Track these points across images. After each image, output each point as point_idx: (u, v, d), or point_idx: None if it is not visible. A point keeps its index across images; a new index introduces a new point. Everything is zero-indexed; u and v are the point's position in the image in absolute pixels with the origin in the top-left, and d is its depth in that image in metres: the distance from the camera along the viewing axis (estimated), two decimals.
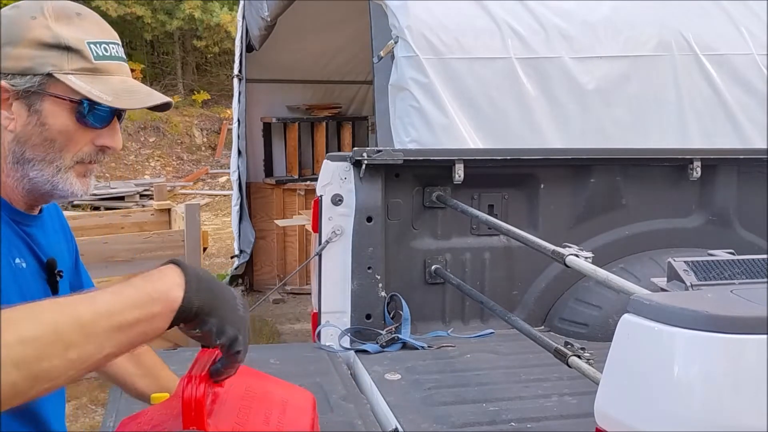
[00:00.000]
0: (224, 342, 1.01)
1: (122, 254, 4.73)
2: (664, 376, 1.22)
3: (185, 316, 0.97)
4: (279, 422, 1.15)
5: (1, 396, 0.83)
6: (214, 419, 1.08)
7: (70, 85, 1.15)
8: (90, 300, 0.93)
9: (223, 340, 1.01)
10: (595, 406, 1.37)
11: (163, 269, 0.99)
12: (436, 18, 3.59)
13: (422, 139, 3.49)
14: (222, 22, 15.54)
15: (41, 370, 0.86)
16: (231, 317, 1.01)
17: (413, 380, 2.52)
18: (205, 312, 0.99)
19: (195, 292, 0.98)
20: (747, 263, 1.58)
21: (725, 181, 3.30)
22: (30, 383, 0.86)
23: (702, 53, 3.90)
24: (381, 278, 2.92)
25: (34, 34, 1.14)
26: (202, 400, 1.03)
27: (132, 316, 0.93)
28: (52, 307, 0.91)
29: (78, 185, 1.20)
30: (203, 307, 0.98)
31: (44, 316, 0.89)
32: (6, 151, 1.17)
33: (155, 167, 14.21)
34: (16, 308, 0.88)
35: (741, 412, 1.17)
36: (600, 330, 2.91)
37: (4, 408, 0.84)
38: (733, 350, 1.18)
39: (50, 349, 0.87)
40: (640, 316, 1.29)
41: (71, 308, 0.91)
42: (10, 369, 0.83)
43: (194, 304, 0.97)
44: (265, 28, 5.50)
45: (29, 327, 0.87)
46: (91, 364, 0.91)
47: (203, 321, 0.99)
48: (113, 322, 0.92)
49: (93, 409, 4.33)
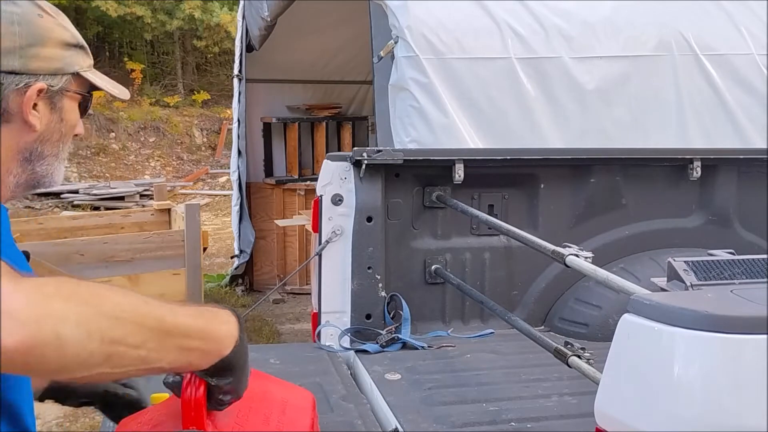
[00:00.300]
0: (224, 400, 1.06)
1: (122, 254, 4.72)
2: (664, 375, 1.22)
3: (221, 367, 1.02)
4: (279, 422, 1.15)
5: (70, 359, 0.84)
6: (213, 419, 1.08)
7: (92, 82, 1.23)
8: (172, 312, 0.96)
9: (227, 398, 1.07)
10: (595, 405, 1.37)
11: (226, 316, 1.04)
12: (436, 18, 3.59)
13: (422, 139, 3.49)
14: (222, 22, 15.54)
15: (115, 353, 0.88)
16: (244, 382, 1.07)
17: (413, 380, 2.52)
18: (232, 370, 1.03)
19: (239, 350, 1.03)
20: (747, 263, 1.58)
21: (725, 181, 3.30)
22: (100, 360, 0.87)
23: (702, 53, 3.90)
24: (381, 278, 2.92)
25: (57, 34, 1.18)
26: (202, 400, 1.04)
27: (194, 344, 0.98)
28: (144, 302, 0.94)
29: (63, 174, 1.26)
30: (235, 366, 1.03)
31: (139, 308, 0.92)
32: (21, 150, 1.17)
33: (155, 167, 14.21)
34: (115, 289, 0.92)
35: (741, 411, 1.17)
36: (600, 330, 2.91)
37: (67, 374, 0.87)
38: (733, 350, 1.18)
39: (132, 339, 0.89)
40: (640, 316, 1.29)
41: (159, 311, 0.94)
42: (95, 338, 0.85)
43: (234, 361, 1.02)
44: (265, 28, 5.50)
45: (124, 310, 0.90)
46: (143, 369, 0.94)
47: (225, 377, 1.04)
48: (183, 342, 0.96)
49: (93, 409, 4.33)
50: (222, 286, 6.66)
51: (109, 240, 4.84)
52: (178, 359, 0.97)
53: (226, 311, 1.05)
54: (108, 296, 0.90)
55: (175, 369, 1.00)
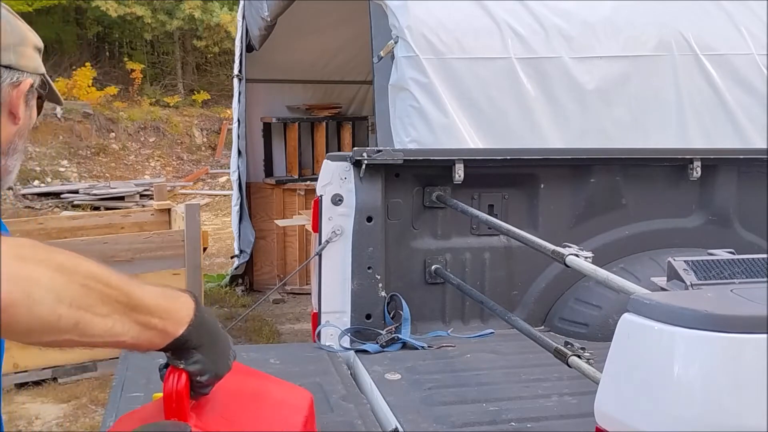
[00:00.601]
0: (201, 381, 1.09)
1: (122, 254, 4.73)
2: (664, 375, 1.22)
3: (177, 346, 1.05)
4: (270, 420, 1.15)
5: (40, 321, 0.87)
6: (200, 413, 1.09)
7: (52, 86, 1.32)
8: (138, 288, 1.00)
9: (202, 379, 1.08)
10: (595, 405, 1.37)
11: (183, 297, 1.07)
12: (436, 18, 3.59)
13: (422, 139, 3.49)
14: (222, 22, 15.55)
15: (83, 320, 0.91)
16: (219, 363, 1.10)
17: (413, 380, 2.52)
18: (195, 350, 1.06)
19: (195, 331, 1.06)
20: (747, 262, 1.58)
21: (725, 181, 3.30)
22: (69, 325, 0.89)
23: (702, 53, 3.90)
24: (381, 278, 2.92)
25: (30, 36, 1.27)
26: (183, 392, 1.05)
27: (155, 322, 1.01)
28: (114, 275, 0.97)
29: None
30: (196, 346, 1.06)
31: (110, 279, 0.95)
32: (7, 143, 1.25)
33: (155, 167, 14.21)
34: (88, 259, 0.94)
35: (741, 411, 1.17)
36: (600, 330, 2.91)
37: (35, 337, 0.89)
38: (733, 349, 1.18)
39: (100, 308, 0.93)
40: (640, 316, 1.29)
41: (127, 286, 0.98)
42: (65, 303, 0.88)
43: (194, 340, 1.06)
44: (265, 28, 5.50)
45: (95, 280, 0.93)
46: (109, 341, 0.97)
47: (191, 357, 1.06)
48: (145, 319, 0.99)
49: (93, 409, 4.33)
50: (222, 286, 6.66)
51: (109, 240, 4.84)
52: (140, 335, 0.99)
53: (184, 294, 1.08)
54: (81, 264, 0.93)
55: (137, 345, 1.02)
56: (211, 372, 1.08)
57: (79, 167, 13.40)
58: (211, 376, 1.09)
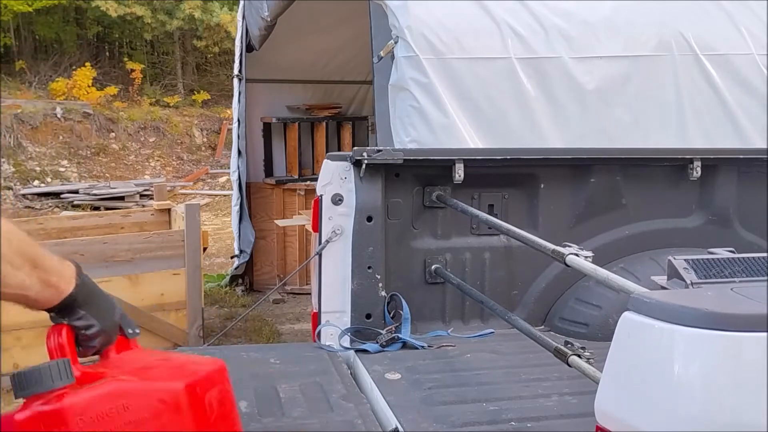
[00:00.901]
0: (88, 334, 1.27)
1: (122, 254, 4.72)
2: (664, 373, 1.22)
3: (66, 304, 1.23)
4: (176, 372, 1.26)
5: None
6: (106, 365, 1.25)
7: None
8: (41, 249, 1.17)
9: (88, 332, 1.27)
10: (596, 404, 1.37)
11: (65, 261, 1.25)
12: (436, 18, 3.59)
13: (422, 139, 3.49)
14: (222, 22, 15.55)
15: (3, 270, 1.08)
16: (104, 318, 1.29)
17: (413, 380, 2.52)
18: (80, 308, 1.25)
19: (81, 290, 1.25)
20: (747, 261, 1.58)
21: (725, 181, 3.30)
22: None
23: (702, 53, 3.90)
24: (381, 278, 2.92)
25: None
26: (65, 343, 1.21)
27: (53, 280, 1.19)
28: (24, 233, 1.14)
29: None
30: (81, 304, 1.25)
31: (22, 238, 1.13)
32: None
33: (155, 167, 14.21)
34: (5, 219, 1.10)
35: (741, 409, 1.17)
36: (600, 329, 2.91)
37: None
38: (733, 348, 1.18)
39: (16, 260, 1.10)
40: (640, 314, 1.29)
41: (32, 246, 1.15)
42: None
43: (76, 299, 1.24)
44: (265, 28, 5.50)
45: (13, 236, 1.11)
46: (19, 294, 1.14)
47: (75, 314, 1.25)
48: (45, 277, 1.17)
49: None
50: (222, 286, 6.66)
51: (109, 240, 4.84)
52: (41, 292, 1.17)
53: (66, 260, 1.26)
54: (2, 221, 1.08)
55: (37, 302, 1.18)
56: (97, 326, 1.26)
57: (79, 167, 13.39)
58: (98, 329, 1.26)
